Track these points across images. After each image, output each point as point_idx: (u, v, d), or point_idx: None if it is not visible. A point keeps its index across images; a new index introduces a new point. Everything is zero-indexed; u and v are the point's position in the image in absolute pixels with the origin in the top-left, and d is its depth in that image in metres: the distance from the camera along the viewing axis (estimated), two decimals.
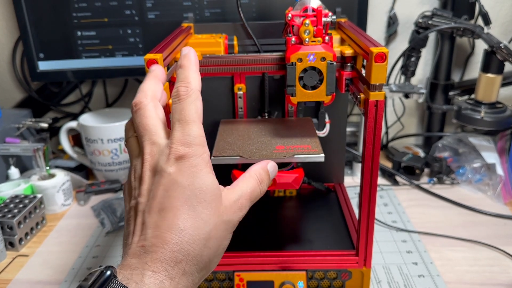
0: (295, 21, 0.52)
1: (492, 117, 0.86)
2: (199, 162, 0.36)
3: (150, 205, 0.35)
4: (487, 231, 0.73)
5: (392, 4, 0.96)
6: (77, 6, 0.83)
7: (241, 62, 0.56)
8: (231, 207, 0.38)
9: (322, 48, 0.51)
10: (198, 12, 0.83)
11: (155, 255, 0.34)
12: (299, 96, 0.53)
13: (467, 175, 0.86)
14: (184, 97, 0.38)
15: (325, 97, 0.53)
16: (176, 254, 0.34)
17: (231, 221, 0.38)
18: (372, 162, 0.50)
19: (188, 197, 0.35)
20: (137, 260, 0.34)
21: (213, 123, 0.71)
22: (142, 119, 0.38)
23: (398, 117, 1.04)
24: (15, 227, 0.70)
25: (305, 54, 0.51)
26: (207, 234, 0.36)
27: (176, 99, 0.38)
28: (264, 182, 0.42)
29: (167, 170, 0.35)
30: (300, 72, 0.52)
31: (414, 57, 0.88)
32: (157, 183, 0.36)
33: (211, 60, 0.57)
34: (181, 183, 0.35)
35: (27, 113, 0.96)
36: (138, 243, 0.35)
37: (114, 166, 0.90)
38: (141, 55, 0.86)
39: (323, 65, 0.51)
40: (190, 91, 0.39)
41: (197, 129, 0.37)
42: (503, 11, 0.97)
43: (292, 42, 0.52)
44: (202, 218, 0.35)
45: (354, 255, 0.56)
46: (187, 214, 0.35)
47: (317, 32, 0.51)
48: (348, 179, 0.91)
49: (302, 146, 0.56)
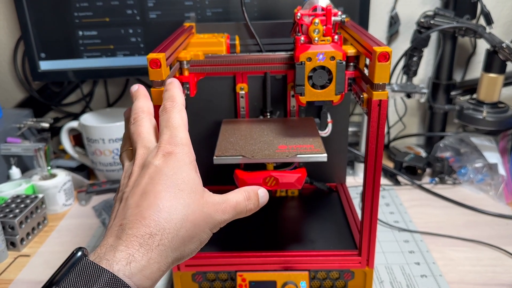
0: (304, 20, 0.52)
1: (494, 117, 0.86)
2: (184, 158, 0.39)
3: (134, 191, 0.38)
4: (490, 231, 0.73)
5: (393, 4, 0.96)
6: (78, 5, 0.83)
7: (245, 61, 0.56)
8: (213, 204, 0.39)
9: (331, 47, 0.51)
10: (200, 12, 0.83)
11: (131, 231, 0.35)
12: (308, 95, 0.53)
13: (469, 175, 0.86)
14: (170, 109, 0.42)
15: (334, 96, 0.53)
16: (151, 229, 0.35)
17: (212, 216, 0.39)
18: (375, 162, 0.50)
19: (170, 184, 0.37)
20: (113, 239, 0.35)
21: (215, 123, 0.71)
22: (137, 128, 0.42)
23: (400, 117, 1.04)
24: (16, 227, 0.70)
25: (314, 54, 0.50)
26: (185, 216, 0.37)
27: (163, 111, 0.42)
28: (251, 201, 0.43)
29: (154, 163, 0.38)
30: (309, 72, 0.52)
31: (416, 57, 0.88)
32: (143, 174, 0.38)
33: (215, 60, 0.56)
34: (165, 172, 0.38)
35: (28, 113, 0.96)
36: (117, 223, 0.36)
37: (115, 166, 0.90)
38: (143, 55, 0.86)
39: (333, 65, 0.51)
40: (175, 104, 0.43)
41: (183, 133, 0.41)
42: (505, 11, 0.97)
43: (301, 42, 0.52)
44: (181, 203, 0.37)
45: (356, 255, 0.56)
46: (167, 197, 0.37)
47: (326, 31, 0.51)
48: (350, 179, 0.91)
49: (305, 146, 0.56)
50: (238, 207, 0.42)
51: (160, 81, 0.48)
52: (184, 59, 0.55)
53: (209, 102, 0.72)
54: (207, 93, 0.71)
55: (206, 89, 0.70)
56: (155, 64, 0.47)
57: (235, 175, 0.58)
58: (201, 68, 0.57)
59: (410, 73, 0.90)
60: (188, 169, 0.39)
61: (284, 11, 0.83)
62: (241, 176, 0.57)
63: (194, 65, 0.56)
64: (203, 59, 0.57)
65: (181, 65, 0.56)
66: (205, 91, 0.70)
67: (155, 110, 0.46)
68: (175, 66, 0.55)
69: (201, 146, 0.75)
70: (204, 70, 0.57)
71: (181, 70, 0.56)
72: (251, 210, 0.43)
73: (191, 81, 0.56)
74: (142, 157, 0.40)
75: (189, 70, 0.56)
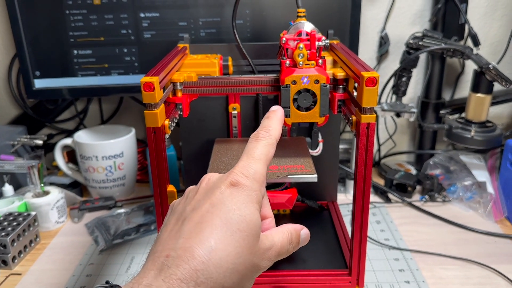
0: (289, 45, 0.54)
1: (482, 136, 0.88)
2: (252, 194, 0.37)
3: (192, 215, 0.36)
4: (478, 249, 0.74)
5: (383, 25, 0.98)
6: (73, 25, 0.84)
7: (236, 83, 0.57)
8: (263, 252, 0.37)
9: (315, 71, 0.53)
10: (193, 32, 0.84)
11: (176, 270, 0.32)
12: (294, 117, 0.55)
13: (458, 193, 0.88)
14: (261, 138, 0.40)
15: (318, 118, 0.55)
16: (198, 274, 0.32)
17: (259, 265, 0.37)
18: (364, 183, 0.51)
19: (229, 220, 0.35)
20: (154, 273, 0.33)
21: (208, 142, 0.72)
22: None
23: (390, 135, 1.05)
24: (8, 245, 0.70)
25: (299, 77, 0.52)
26: (235, 266, 0.34)
27: (253, 138, 0.41)
28: (293, 244, 0.41)
29: (220, 188, 0.37)
30: (294, 94, 0.53)
31: (405, 77, 0.90)
32: (207, 198, 0.37)
33: (207, 82, 0.58)
34: (227, 205, 0.35)
35: (22, 130, 0.96)
36: (164, 252, 0.34)
37: (109, 183, 0.90)
38: (137, 74, 0.87)
39: (317, 88, 0.53)
40: (268, 136, 0.41)
41: (261, 167, 0.39)
42: (492, 32, 0.99)
43: (287, 65, 0.54)
44: (235, 247, 0.34)
45: (347, 275, 0.57)
46: (223, 236, 0.34)
47: (310, 55, 0.53)
48: (341, 196, 0.92)
49: (296, 166, 0.57)
50: (281, 251, 0.39)
51: (153, 103, 0.49)
52: (178, 81, 0.57)
53: (202, 122, 0.73)
54: (200, 112, 0.72)
55: (199, 108, 0.71)
56: (148, 88, 0.48)
57: None
58: (194, 89, 0.58)
59: (400, 92, 0.91)
60: (253, 208, 0.36)
61: (276, 33, 0.84)
62: None
63: (187, 87, 0.58)
64: (196, 80, 0.58)
65: (174, 87, 0.57)
66: (198, 110, 0.71)
67: (148, 132, 0.46)
68: (168, 87, 0.56)
69: (194, 165, 0.76)
70: (197, 92, 0.58)
71: (174, 91, 0.57)
72: (289, 253, 0.41)
73: (184, 102, 0.58)
74: (212, 177, 0.39)
75: (182, 91, 0.58)
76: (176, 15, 0.83)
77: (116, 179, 0.91)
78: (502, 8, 0.98)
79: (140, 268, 0.35)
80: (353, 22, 0.85)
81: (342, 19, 0.85)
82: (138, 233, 0.79)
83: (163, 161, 0.52)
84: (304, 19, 0.56)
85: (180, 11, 0.83)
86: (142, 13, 0.83)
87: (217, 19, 0.84)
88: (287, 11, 0.83)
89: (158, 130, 0.50)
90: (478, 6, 0.97)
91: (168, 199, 0.53)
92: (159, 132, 0.51)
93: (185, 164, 0.76)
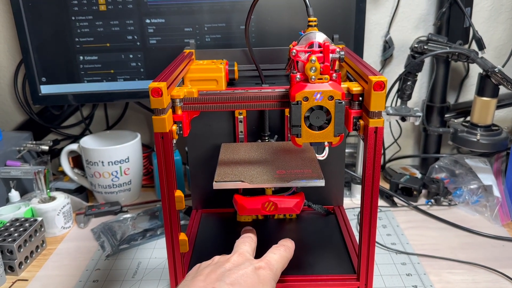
0: (300, 57, 0.48)
1: (488, 140, 0.87)
2: (270, 279, 0.47)
3: (230, 273, 0.45)
4: (485, 253, 0.73)
5: (387, 29, 0.98)
6: (79, 31, 0.85)
7: (242, 99, 0.53)
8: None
9: (329, 86, 0.47)
10: (199, 38, 0.85)
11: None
12: (305, 137, 0.49)
13: (464, 197, 0.87)
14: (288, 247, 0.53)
15: (333, 138, 0.49)
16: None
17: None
18: (372, 187, 0.51)
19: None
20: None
21: (214, 146, 0.72)
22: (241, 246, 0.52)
23: (395, 139, 1.05)
24: (15, 251, 0.70)
25: (311, 93, 0.47)
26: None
27: (283, 243, 0.53)
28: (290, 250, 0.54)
29: (252, 265, 0.47)
30: (306, 112, 0.48)
31: (410, 81, 0.90)
32: (241, 265, 0.46)
33: (210, 97, 0.53)
34: (254, 279, 0.45)
35: (27, 136, 0.96)
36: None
37: (114, 188, 0.91)
38: (143, 79, 0.88)
39: (331, 104, 0.47)
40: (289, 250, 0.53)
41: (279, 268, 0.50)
42: (497, 35, 1.00)
43: (297, 79, 0.48)
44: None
45: (355, 280, 0.56)
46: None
47: (324, 69, 0.47)
48: (347, 200, 0.92)
49: (303, 170, 0.57)
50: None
51: (161, 109, 0.49)
52: (178, 97, 0.52)
53: (208, 126, 0.73)
54: (207, 117, 0.72)
55: (205, 113, 0.71)
56: (156, 93, 0.48)
57: (234, 200, 0.59)
58: (195, 106, 0.53)
59: (405, 97, 0.91)
60: (269, 286, 0.46)
61: (281, 38, 0.85)
62: (240, 201, 0.58)
63: (187, 103, 0.53)
64: (197, 96, 0.53)
65: (173, 103, 0.52)
66: (204, 115, 0.71)
67: (155, 137, 0.47)
68: (168, 104, 0.51)
69: (200, 169, 0.76)
70: (198, 108, 0.54)
71: (173, 108, 0.53)
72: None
73: (185, 120, 0.53)
74: (246, 252, 0.50)
75: (182, 109, 0.53)
76: (181, 21, 0.84)
77: (122, 184, 0.91)
78: (507, 11, 0.98)
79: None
80: (358, 26, 0.85)
81: (346, 23, 0.85)
82: (144, 238, 0.79)
83: (171, 166, 0.52)
84: (315, 29, 0.51)
85: (186, 16, 0.84)
86: (148, 19, 0.84)
87: (222, 24, 0.84)
88: (292, 16, 0.83)
89: (166, 136, 0.50)
90: (482, 10, 0.98)
91: (176, 204, 0.53)
92: (167, 137, 0.51)
93: (191, 169, 0.76)
